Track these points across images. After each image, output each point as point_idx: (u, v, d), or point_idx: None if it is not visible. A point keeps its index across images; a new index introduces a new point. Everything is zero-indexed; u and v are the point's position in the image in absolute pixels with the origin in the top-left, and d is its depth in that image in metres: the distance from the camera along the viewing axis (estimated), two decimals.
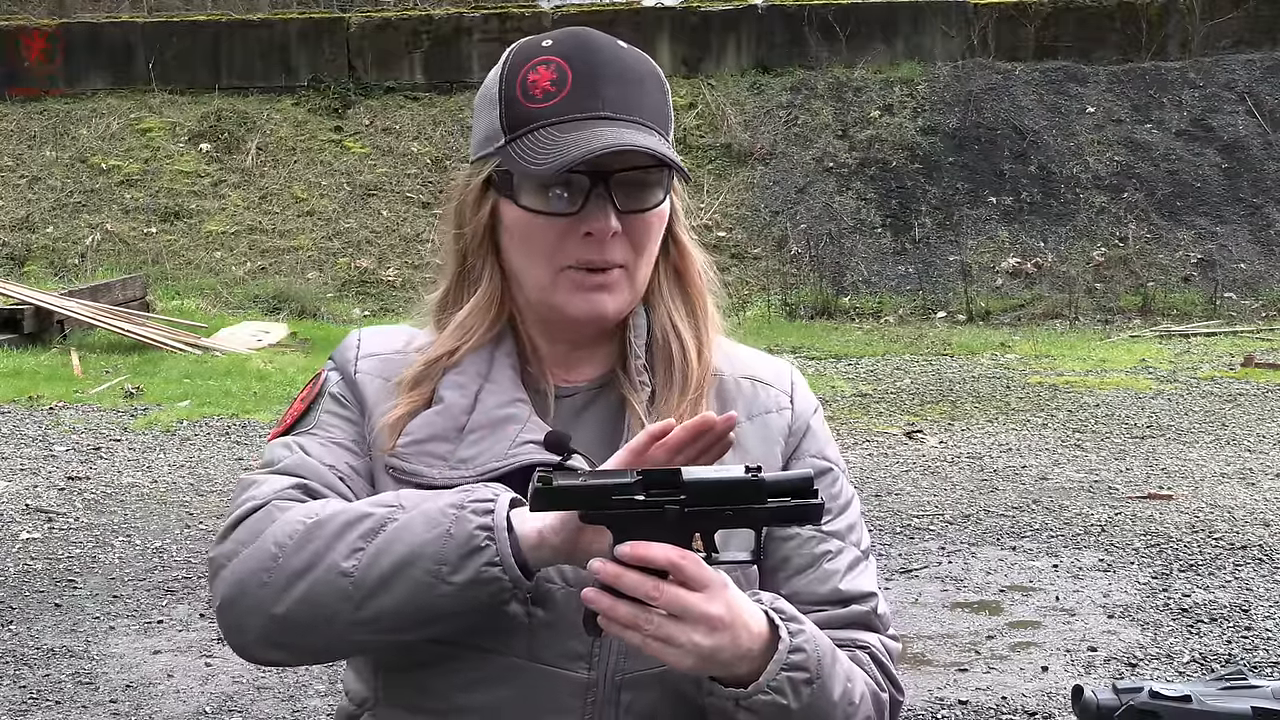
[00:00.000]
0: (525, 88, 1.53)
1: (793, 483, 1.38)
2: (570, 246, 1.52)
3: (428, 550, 1.40)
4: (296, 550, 1.44)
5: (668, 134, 1.56)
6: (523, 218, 1.54)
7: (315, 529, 1.44)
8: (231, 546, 1.48)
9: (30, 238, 14.78)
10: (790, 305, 13.62)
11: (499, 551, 1.39)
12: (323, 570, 1.42)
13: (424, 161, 15.69)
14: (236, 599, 1.46)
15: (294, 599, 1.43)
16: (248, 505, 1.50)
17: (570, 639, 1.49)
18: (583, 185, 1.50)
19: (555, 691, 1.50)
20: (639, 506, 1.36)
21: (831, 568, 1.60)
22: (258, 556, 1.45)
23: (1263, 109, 15.41)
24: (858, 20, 16.27)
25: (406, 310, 12.38)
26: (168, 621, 5.44)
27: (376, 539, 1.42)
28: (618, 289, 1.54)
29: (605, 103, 1.51)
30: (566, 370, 1.62)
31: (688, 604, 1.35)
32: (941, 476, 7.57)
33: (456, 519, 1.40)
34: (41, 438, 8.53)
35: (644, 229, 1.54)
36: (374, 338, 1.65)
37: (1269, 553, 6.14)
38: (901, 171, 15.21)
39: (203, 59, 16.57)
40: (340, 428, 1.58)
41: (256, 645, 1.49)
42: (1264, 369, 10.51)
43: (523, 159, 1.50)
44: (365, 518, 1.44)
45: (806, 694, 1.44)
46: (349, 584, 1.41)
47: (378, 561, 1.41)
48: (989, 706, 4.61)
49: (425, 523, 1.41)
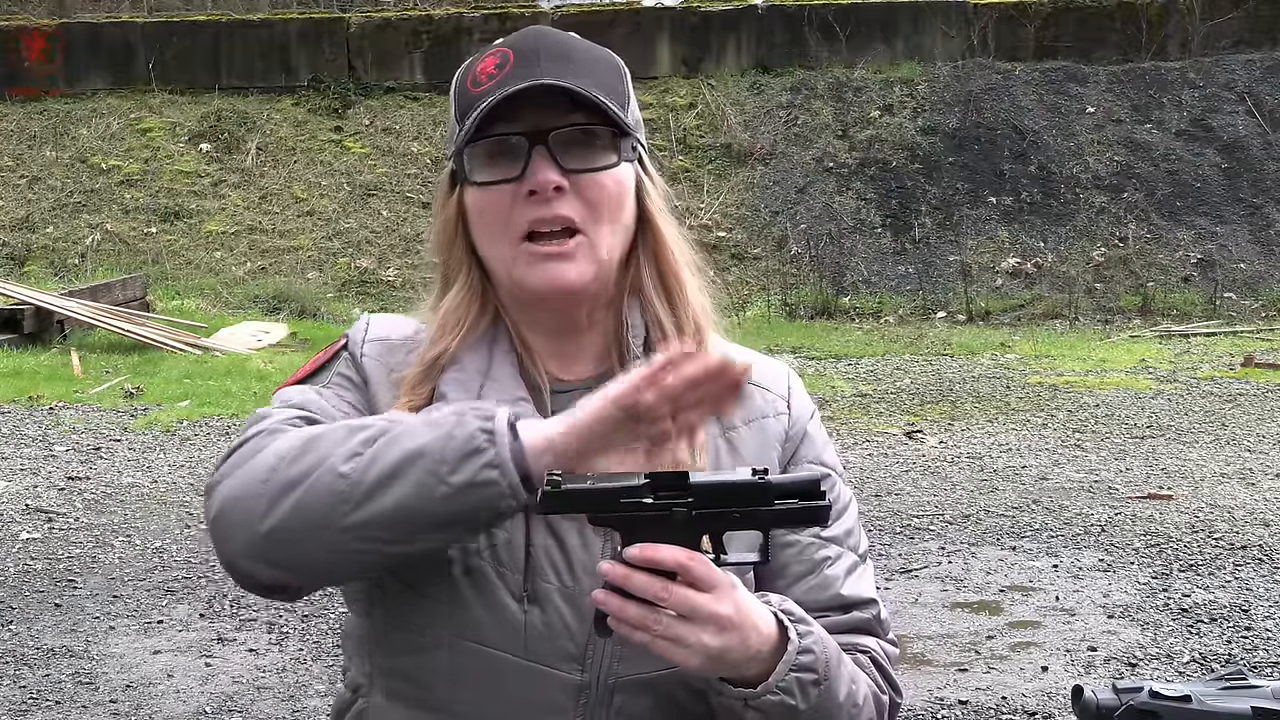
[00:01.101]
0: (474, 77, 1.56)
1: (800, 485, 1.39)
2: (520, 212, 1.53)
3: (428, 450, 1.37)
4: (294, 460, 1.41)
5: (623, 111, 1.55)
6: (477, 196, 1.55)
7: (315, 440, 1.43)
8: (229, 467, 1.46)
9: (30, 238, 14.78)
10: (790, 305, 13.62)
11: (498, 455, 1.37)
12: (319, 474, 1.39)
13: (424, 161, 15.69)
14: (228, 510, 1.43)
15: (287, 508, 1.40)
16: (251, 431, 1.49)
17: (564, 639, 1.50)
18: (521, 146, 1.52)
19: (548, 691, 1.50)
20: (647, 509, 1.36)
21: (832, 574, 1.61)
22: (255, 469, 1.43)
23: (1263, 109, 15.41)
24: (858, 20, 16.27)
25: (406, 311, 12.35)
26: (168, 621, 5.44)
27: (376, 444, 1.40)
28: (577, 256, 1.54)
29: (544, 73, 1.52)
30: (562, 368, 1.62)
31: (696, 604, 1.36)
32: (941, 476, 7.57)
33: (458, 421, 1.39)
34: (41, 438, 8.53)
35: (596, 189, 1.54)
36: (382, 323, 1.66)
37: (1269, 553, 6.14)
38: (901, 171, 15.21)
39: (203, 59, 16.57)
40: (351, 391, 1.59)
41: (244, 557, 1.44)
42: (1264, 369, 10.51)
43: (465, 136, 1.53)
44: (367, 427, 1.42)
45: (814, 695, 1.45)
46: (345, 485, 1.38)
47: (376, 462, 1.39)
48: (989, 706, 4.61)
49: (427, 426, 1.40)
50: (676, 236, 1.63)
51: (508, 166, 1.53)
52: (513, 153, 1.52)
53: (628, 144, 1.56)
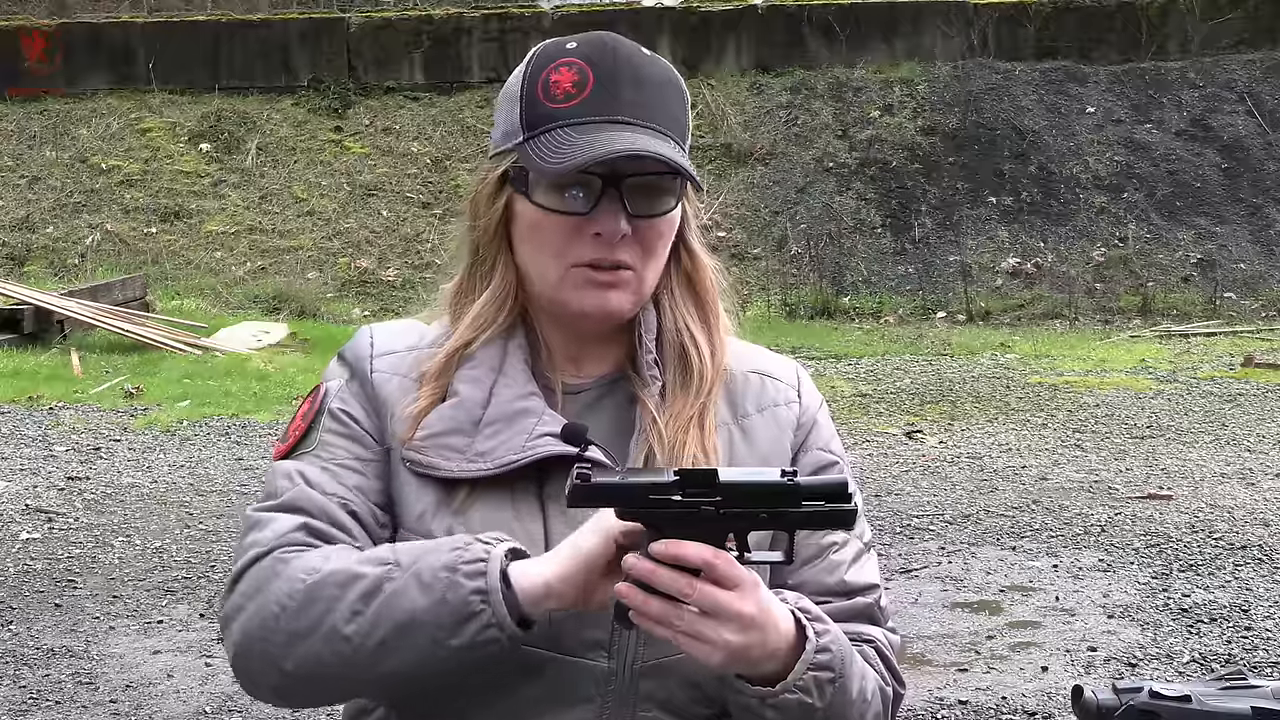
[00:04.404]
0: (546, 88, 1.56)
1: (829, 487, 1.41)
2: (580, 246, 1.54)
3: (424, 617, 1.43)
4: (298, 612, 1.47)
5: (684, 143, 1.58)
6: (535, 214, 1.56)
7: (315, 589, 1.47)
8: (238, 600, 1.52)
9: (30, 238, 14.78)
10: (790, 305, 13.62)
11: (495, 614, 1.41)
12: (324, 633, 1.45)
13: (424, 161, 15.69)
14: (246, 653, 1.51)
15: (299, 657, 1.47)
16: (251, 554, 1.53)
17: (589, 628, 1.51)
18: (596, 187, 1.53)
19: (575, 680, 1.52)
20: (675, 506, 1.37)
21: (838, 559, 1.63)
22: (262, 615, 1.49)
23: (1263, 109, 15.41)
24: (858, 20, 16.26)
25: (406, 310, 12.35)
26: (168, 621, 5.44)
27: (374, 603, 1.44)
28: (626, 288, 1.57)
29: (624, 107, 1.54)
30: (576, 367, 1.64)
31: (720, 601, 1.38)
32: (941, 476, 7.57)
33: (450, 583, 1.43)
34: (41, 438, 8.53)
35: (654, 234, 1.57)
36: (387, 335, 1.67)
37: (1269, 553, 6.14)
38: (901, 171, 15.21)
39: (203, 59, 16.56)
40: (343, 447, 1.60)
41: (270, 695, 1.54)
42: (1264, 369, 10.51)
43: (539, 157, 1.53)
44: (360, 578, 1.46)
45: (830, 693, 1.48)
46: (350, 649, 1.45)
47: (376, 627, 1.44)
48: (989, 706, 4.61)
49: (420, 587, 1.44)
50: (713, 262, 1.68)
51: (576, 200, 1.54)
52: (584, 188, 1.53)
53: (683, 183, 1.59)
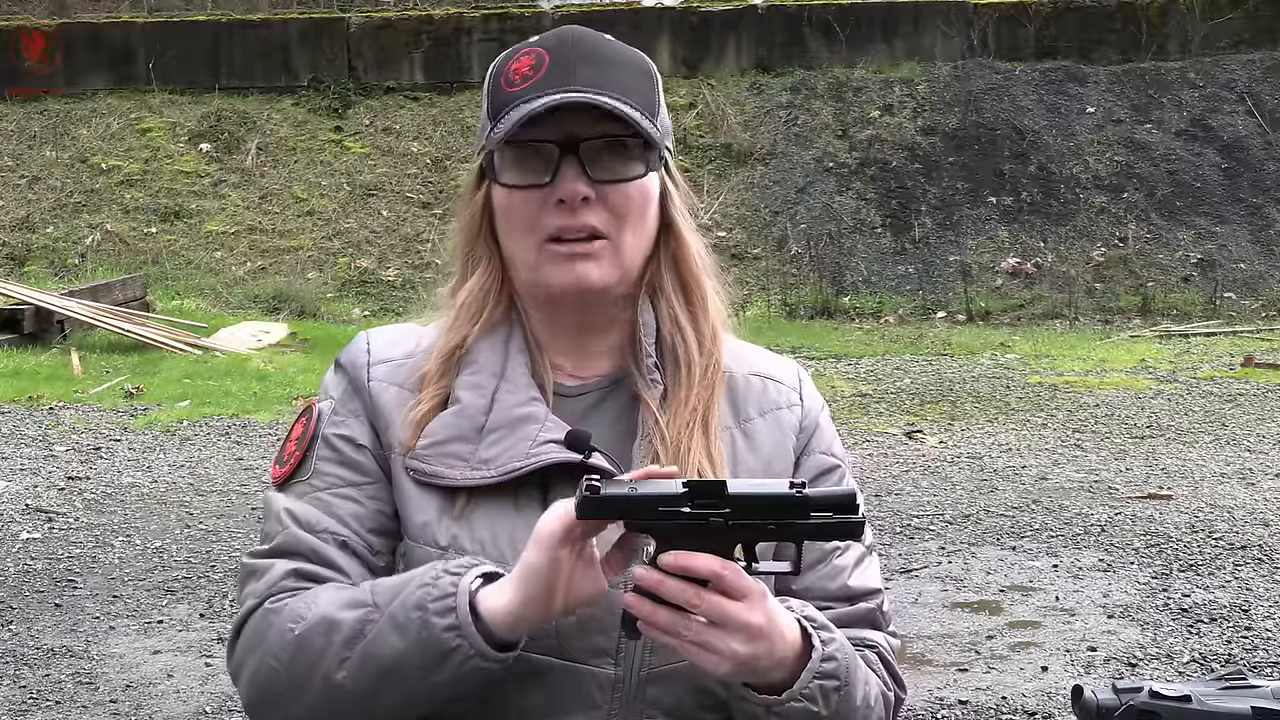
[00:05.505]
0: (507, 76, 1.58)
1: (837, 499, 1.41)
2: (547, 217, 1.55)
3: (406, 659, 1.45)
4: (291, 664, 1.50)
5: (653, 118, 1.57)
6: (505, 196, 1.58)
7: (302, 640, 1.50)
8: (240, 655, 1.57)
9: (30, 238, 14.78)
10: (790, 305, 13.62)
11: (472, 646, 1.43)
12: (320, 682, 1.49)
13: (424, 161, 15.69)
14: (260, 704, 1.56)
15: (307, 705, 1.51)
16: (247, 605, 1.57)
17: (596, 635, 1.51)
18: (553, 155, 1.54)
19: (582, 688, 1.52)
20: (684, 518, 1.37)
21: (840, 563, 1.63)
22: (263, 671, 1.53)
23: (1263, 109, 15.41)
24: (858, 20, 16.27)
25: (407, 310, 12.37)
26: (168, 621, 5.44)
27: (358, 648, 1.47)
28: (600, 258, 1.56)
29: (578, 79, 1.54)
30: (576, 367, 1.64)
31: (728, 612, 1.38)
32: (941, 476, 7.57)
33: (422, 623, 1.44)
34: (41, 438, 8.53)
35: (621, 198, 1.56)
36: (384, 343, 1.67)
37: (1269, 553, 6.14)
38: (901, 171, 15.21)
39: (203, 59, 16.56)
40: (337, 474, 1.60)
41: None
42: (1264, 369, 10.51)
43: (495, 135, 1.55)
44: (341, 625, 1.49)
45: (835, 700, 1.48)
46: (344, 694, 1.48)
47: (364, 672, 1.47)
48: (989, 706, 4.61)
49: (396, 630, 1.46)
50: (697, 242, 1.66)
51: (537, 172, 1.55)
52: (543, 158, 1.54)
53: (655, 153, 1.59)
